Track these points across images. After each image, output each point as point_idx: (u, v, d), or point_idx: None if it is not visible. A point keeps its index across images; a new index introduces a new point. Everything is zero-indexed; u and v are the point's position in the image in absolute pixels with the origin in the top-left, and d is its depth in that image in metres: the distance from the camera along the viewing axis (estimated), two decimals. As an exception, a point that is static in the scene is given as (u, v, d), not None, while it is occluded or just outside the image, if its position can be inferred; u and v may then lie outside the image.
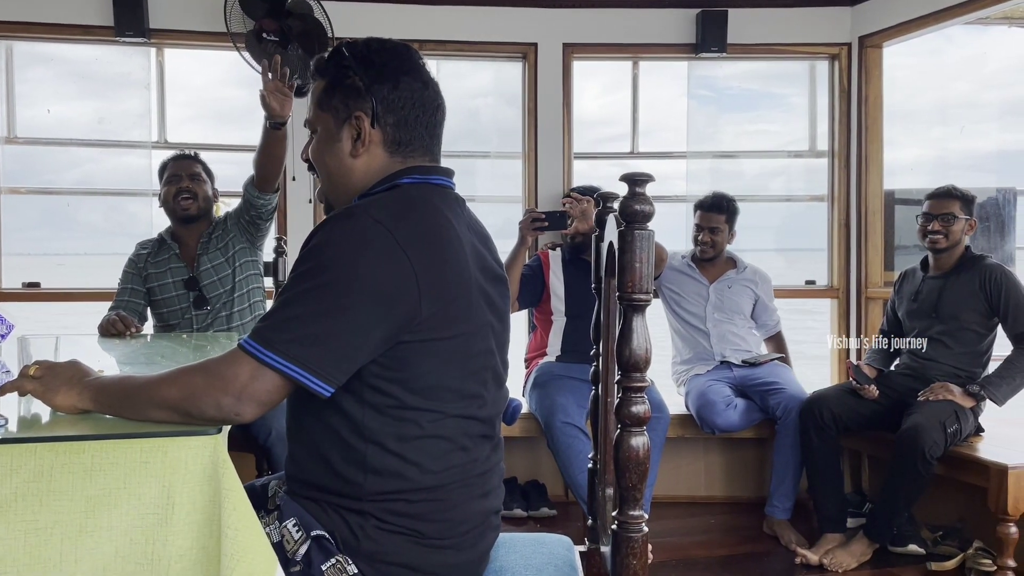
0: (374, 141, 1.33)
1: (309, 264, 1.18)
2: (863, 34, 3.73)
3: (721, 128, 4.06)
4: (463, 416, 1.29)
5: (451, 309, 1.23)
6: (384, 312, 1.17)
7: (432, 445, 1.26)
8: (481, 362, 1.31)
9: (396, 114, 1.32)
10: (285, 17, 3.38)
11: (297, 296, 1.17)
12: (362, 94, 1.31)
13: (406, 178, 1.32)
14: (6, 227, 3.60)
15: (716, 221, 3.45)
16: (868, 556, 2.87)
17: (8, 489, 1.09)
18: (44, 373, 1.24)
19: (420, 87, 1.33)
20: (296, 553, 1.26)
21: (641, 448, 1.32)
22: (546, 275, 3.39)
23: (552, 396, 3.05)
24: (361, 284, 1.15)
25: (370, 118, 1.31)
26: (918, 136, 7.74)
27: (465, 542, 1.33)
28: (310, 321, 1.15)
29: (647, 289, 1.31)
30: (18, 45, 3.61)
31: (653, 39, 3.78)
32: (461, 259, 1.26)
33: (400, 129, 1.33)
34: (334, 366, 1.16)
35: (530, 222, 3.22)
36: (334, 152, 1.35)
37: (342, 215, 1.22)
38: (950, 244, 2.98)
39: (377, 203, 1.25)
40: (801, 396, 3.12)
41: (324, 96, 1.35)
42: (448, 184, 1.38)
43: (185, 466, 1.12)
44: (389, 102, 1.31)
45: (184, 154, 2.96)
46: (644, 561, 1.35)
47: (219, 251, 2.89)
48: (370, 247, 1.17)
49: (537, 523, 3.33)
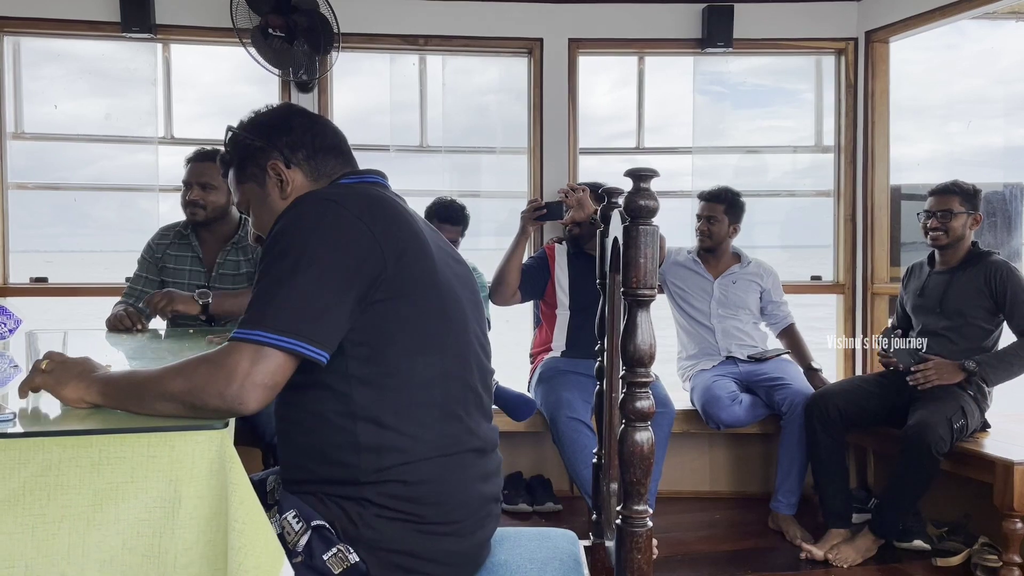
0: (296, 179, 1.43)
1: (276, 249, 1.25)
2: (869, 29, 3.72)
3: (727, 124, 4.05)
4: (450, 378, 1.32)
5: (415, 266, 1.29)
6: (354, 270, 1.23)
7: (423, 413, 1.29)
8: (459, 324, 1.35)
9: (302, 149, 1.43)
10: (291, 13, 3.38)
11: (273, 279, 1.22)
12: (266, 150, 1.43)
13: (343, 179, 1.43)
14: (14, 223, 3.61)
15: (714, 210, 3.45)
16: (873, 552, 2.87)
17: (16, 483, 1.09)
18: (55, 367, 1.27)
19: (308, 121, 1.46)
20: (297, 544, 1.27)
21: (646, 443, 1.33)
22: (551, 267, 3.41)
23: (557, 391, 3.05)
24: (327, 251, 1.22)
25: (283, 161, 1.42)
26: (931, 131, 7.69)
27: (465, 528, 1.34)
28: (291, 295, 1.20)
29: (651, 284, 1.31)
30: (25, 41, 3.62)
31: (659, 34, 3.77)
32: (415, 227, 1.34)
33: (311, 158, 1.44)
34: (323, 332, 1.21)
35: (531, 212, 3.32)
36: (270, 207, 1.44)
37: (295, 203, 1.31)
38: (951, 240, 2.97)
39: (324, 190, 1.36)
40: (807, 391, 3.12)
41: (239, 173, 1.47)
42: (384, 183, 1.47)
43: (192, 460, 1.13)
44: (291, 143, 1.43)
45: (203, 153, 2.87)
46: (648, 556, 1.36)
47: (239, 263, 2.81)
48: (328, 219, 1.25)
49: (542, 518, 3.34)
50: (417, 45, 3.69)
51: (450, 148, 3.85)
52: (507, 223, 3.46)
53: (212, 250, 2.84)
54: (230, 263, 2.81)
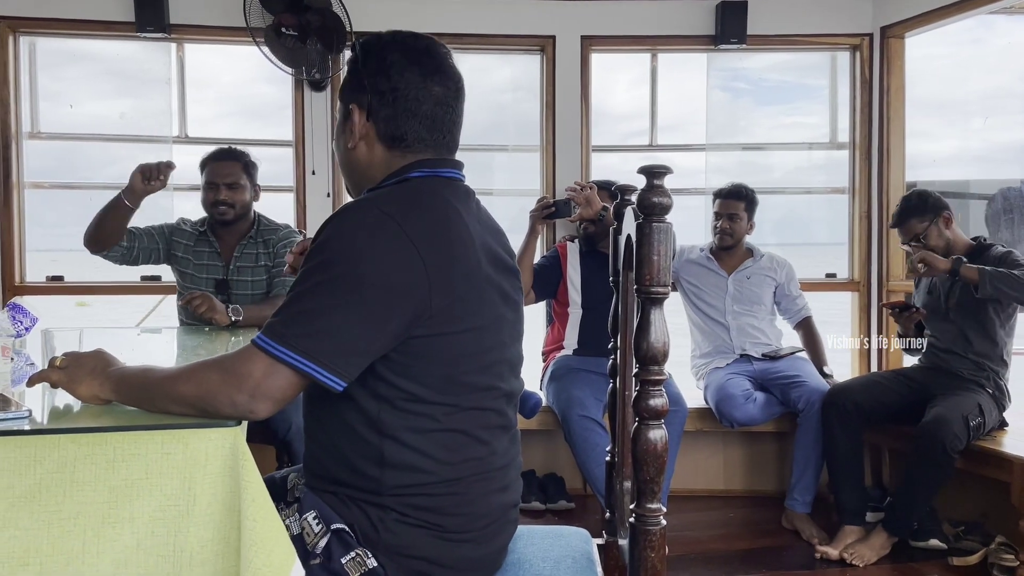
0: (369, 135, 1.33)
1: (320, 258, 1.18)
2: (885, 24, 3.69)
3: (741, 121, 4.03)
4: (478, 408, 1.29)
5: (462, 302, 1.22)
6: (395, 306, 1.17)
7: (449, 438, 1.26)
8: (495, 355, 1.31)
9: (389, 108, 1.30)
10: (304, 12, 3.39)
11: (309, 290, 1.17)
12: (361, 87, 1.32)
13: (415, 172, 1.32)
14: (30, 222, 3.64)
15: (735, 208, 3.43)
16: (888, 549, 2.85)
17: (32, 480, 1.10)
18: (69, 363, 1.26)
19: (418, 80, 1.30)
20: (316, 546, 1.27)
21: (659, 441, 1.32)
22: (564, 266, 3.40)
23: (569, 389, 3.05)
24: (372, 278, 1.16)
25: (364, 111, 1.32)
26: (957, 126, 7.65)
27: (484, 536, 1.33)
28: (322, 315, 1.15)
29: (665, 282, 1.31)
30: (41, 41, 3.65)
31: (672, 31, 3.75)
32: (471, 252, 1.25)
33: (392, 123, 1.31)
34: (345, 360, 1.16)
35: (540, 210, 3.30)
36: (340, 142, 1.38)
37: (351, 208, 1.23)
38: (943, 252, 2.93)
39: (386, 196, 1.26)
40: (823, 389, 3.11)
41: (342, 87, 1.37)
42: (458, 176, 1.37)
43: (205, 458, 1.13)
44: (382, 95, 1.30)
45: (223, 152, 2.88)
46: (662, 554, 1.35)
47: (257, 255, 2.85)
48: (380, 240, 1.17)
49: (555, 516, 3.34)
50: (429, 43, 3.69)
51: (462, 146, 3.83)
52: (519, 220, 3.46)
53: (229, 245, 2.86)
54: (247, 256, 2.84)
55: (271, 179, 3.94)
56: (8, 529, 1.08)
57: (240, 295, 2.78)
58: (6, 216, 3.51)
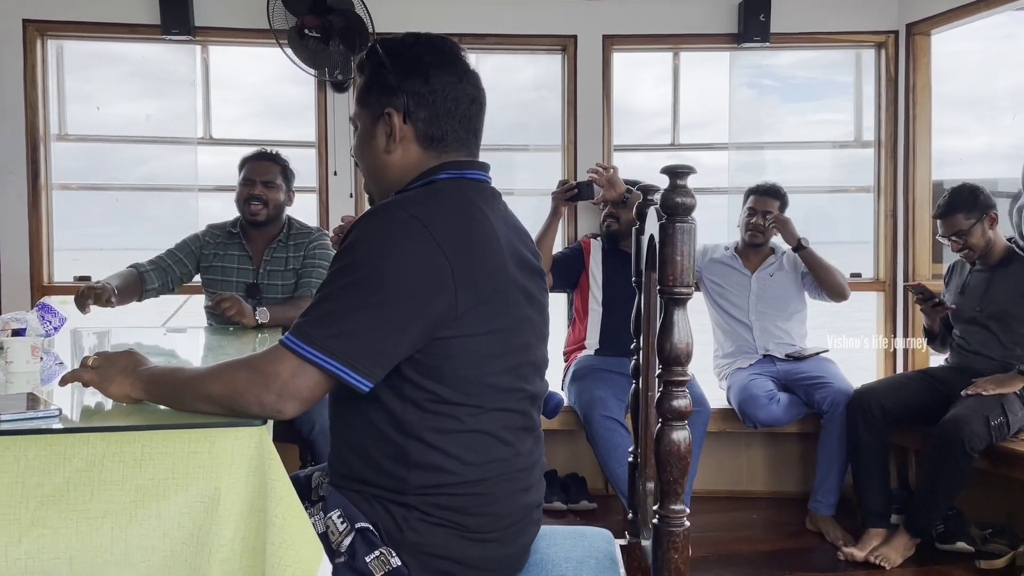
0: (407, 137, 1.33)
1: (347, 259, 1.20)
2: (910, 21, 3.64)
3: (764, 119, 4.00)
4: (502, 410, 1.29)
5: (487, 305, 1.23)
6: (420, 308, 1.18)
7: (473, 439, 1.27)
8: (520, 357, 1.31)
9: (427, 109, 1.31)
10: (326, 13, 3.40)
11: (336, 292, 1.19)
12: (394, 90, 1.31)
13: (442, 173, 1.33)
14: (57, 222, 3.69)
15: (770, 206, 3.40)
16: (912, 551, 2.82)
17: (61, 478, 1.12)
18: (102, 363, 1.29)
19: (454, 81, 1.32)
20: (341, 544, 1.28)
21: (682, 442, 1.32)
22: (586, 260, 3.42)
23: (591, 389, 3.04)
24: (397, 279, 1.17)
25: (401, 114, 1.32)
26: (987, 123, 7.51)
27: (507, 536, 1.33)
28: (349, 316, 1.17)
29: (688, 282, 1.30)
30: (68, 44, 3.69)
31: (694, 29, 3.73)
32: (497, 254, 1.26)
33: (432, 124, 1.32)
34: (372, 361, 1.17)
35: (562, 192, 3.33)
36: (371, 148, 1.36)
37: (379, 210, 1.23)
38: (981, 252, 2.92)
39: (413, 198, 1.26)
40: (848, 390, 3.08)
41: (362, 93, 1.37)
42: (484, 178, 1.38)
43: (231, 456, 1.15)
44: (420, 97, 1.31)
45: (264, 153, 2.92)
46: (686, 555, 1.35)
47: (287, 259, 2.87)
48: (406, 242, 1.18)
49: (577, 516, 3.33)
50: (451, 43, 3.70)
51: (484, 146, 3.84)
52: (541, 220, 3.46)
53: (259, 248, 2.88)
54: (277, 259, 2.86)
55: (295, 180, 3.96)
56: (38, 527, 1.10)
57: (270, 299, 2.80)
58: (35, 217, 3.56)
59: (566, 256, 3.45)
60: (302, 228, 2.94)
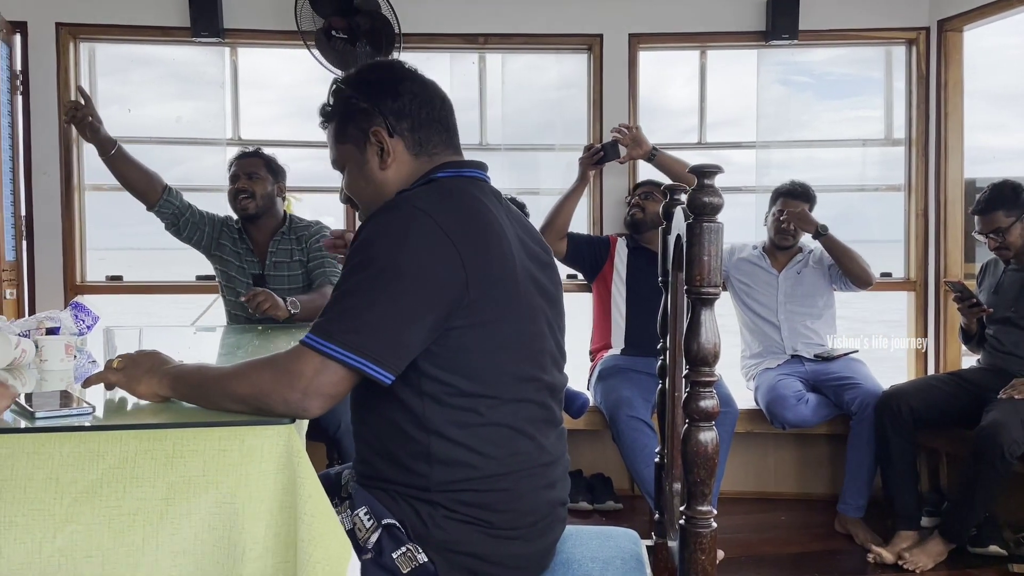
0: (397, 149, 1.38)
1: (360, 257, 1.22)
2: (942, 18, 3.59)
3: (793, 117, 3.96)
4: (520, 400, 1.31)
5: (498, 291, 1.25)
6: (434, 297, 1.20)
7: (494, 432, 1.28)
8: (535, 345, 1.33)
9: (406, 119, 1.37)
10: (353, 15, 3.43)
11: (352, 288, 1.21)
12: (370, 112, 1.37)
13: (440, 173, 1.37)
14: (90, 222, 3.75)
15: (798, 208, 3.37)
16: (944, 556, 2.78)
17: (95, 475, 1.13)
18: (126, 364, 1.31)
19: (419, 88, 1.39)
20: (368, 541, 1.29)
21: (710, 443, 1.31)
22: (612, 253, 3.44)
23: (617, 389, 3.04)
24: (410, 271, 1.20)
25: (386, 129, 1.36)
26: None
27: (532, 533, 1.34)
28: (365, 311, 1.19)
29: (716, 282, 1.30)
30: (100, 47, 3.75)
31: (721, 27, 3.70)
32: (504, 244, 1.29)
33: (416, 130, 1.38)
34: (392, 353, 1.20)
35: (589, 156, 3.38)
36: (366, 174, 1.40)
37: (387, 208, 1.27)
38: (1018, 251, 2.87)
39: (418, 194, 1.30)
40: (877, 391, 3.04)
41: (339, 132, 1.42)
42: (483, 177, 1.42)
43: (261, 454, 1.16)
44: (396, 110, 1.37)
45: (246, 152, 3.02)
46: (713, 557, 1.34)
47: (292, 251, 2.94)
48: (415, 235, 1.21)
49: (602, 516, 3.33)
50: (477, 44, 3.70)
51: (509, 146, 3.86)
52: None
53: (262, 242, 2.96)
54: (282, 252, 2.94)
55: (320, 180, 4.00)
56: (71, 523, 1.11)
57: (277, 290, 2.82)
58: (68, 217, 3.62)
59: (592, 239, 3.51)
60: (303, 222, 3.03)
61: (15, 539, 1.10)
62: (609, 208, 3.72)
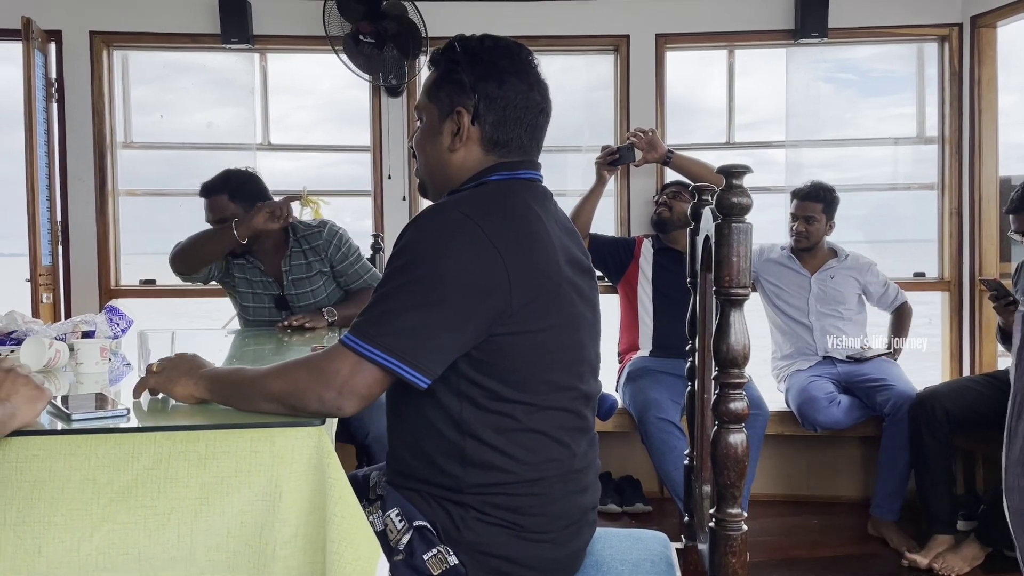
0: (472, 138, 1.34)
1: (402, 260, 1.22)
2: (975, 14, 3.54)
3: (823, 116, 3.92)
4: (557, 408, 1.30)
5: (541, 301, 1.24)
6: (476, 305, 1.19)
7: (529, 439, 1.28)
8: (574, 354, 1.32)
9: (496, 113, 1.32)
10: (380, 19, 3.45)
11: (392, 291, 1.21)
12: (466, 90, 1.32)
13: (494, 175, 1.34)
14: (124, 227, 3.81)
15: (812, 210, 3.34)
16: (980, 560, 2.74)
17: (130, 475, 1.15)
18: (165, 367, 1.33)
19: (525, 88, 1.34)
20: (399, 542, 1.29)
21: (739, 446, 1.30)
22: (637, 254, 3.44)
23: (646, 391, 3.02)
24: (453, 277, 1.18)
25: (471, 115, 1.33)
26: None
27: (563, 537, 1.34)
28: (406, 314, 1.19)
29: (745, 283, 1.29)
30: (133, 55, 3.81)
31: (749, 26, 3.68)
32: (550, 252, 1.27)
33: (499, 128, 1.33)
34: (430, 358, 1.19)
35: (604, 158, 3.41)
36: (434, 143, 1.37)
37: (432, 211, 1.26)
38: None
39: (465, 198, 1.29)
40: (911, 393, 3.00)
41: (433, 87, 1.37)
42: (536, 177, 1.39)
43: (292, 455, 1.17)
44: (491, 100, 1.32)
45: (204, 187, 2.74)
46: (743, 560, 1.33)
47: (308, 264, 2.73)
48: (460, 241, 1.20)
49: (631, 519, 3.31)
50: (503, 46, 3.71)
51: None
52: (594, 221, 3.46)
53: (273, 261, 2.74)
54: (297, 267, 2.72)
55: (351, 183, 4.03)
56: (108, 523, 1.13)
57: (303, 307, 2.72)
58: (102, 222, 3.68)
59: (615, 240, 3.52)
60: (308, 229, 2.75)
61: (54, 538, 1.13)
62: (637, 208, 3.72)
